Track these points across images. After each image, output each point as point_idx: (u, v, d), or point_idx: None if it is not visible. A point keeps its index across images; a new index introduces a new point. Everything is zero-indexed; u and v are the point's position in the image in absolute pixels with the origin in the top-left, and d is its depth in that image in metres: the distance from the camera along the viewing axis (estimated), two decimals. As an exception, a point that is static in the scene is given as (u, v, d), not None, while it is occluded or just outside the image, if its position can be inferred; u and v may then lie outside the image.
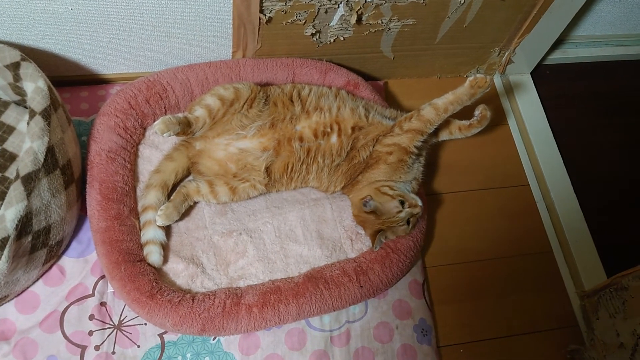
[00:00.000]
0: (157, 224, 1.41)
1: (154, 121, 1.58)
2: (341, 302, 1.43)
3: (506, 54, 1.94)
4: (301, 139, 1.45)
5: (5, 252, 1.13)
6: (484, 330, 1.61)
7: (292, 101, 1.49)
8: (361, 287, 1.44)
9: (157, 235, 1.41)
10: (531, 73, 2.09)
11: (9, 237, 1.13)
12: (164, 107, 1.57)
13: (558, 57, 2.16)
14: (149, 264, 1.39)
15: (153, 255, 1.39)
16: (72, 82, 1.64)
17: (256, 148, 1.45)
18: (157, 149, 1.56)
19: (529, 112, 1.99)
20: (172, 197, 1.45)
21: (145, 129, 1.57)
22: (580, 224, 1.80)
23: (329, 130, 1.46)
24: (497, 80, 2.06)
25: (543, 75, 2.12)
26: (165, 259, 1.42)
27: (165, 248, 1.43)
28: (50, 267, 1.40)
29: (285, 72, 1.65)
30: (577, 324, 1.67)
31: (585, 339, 1.63)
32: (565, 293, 1.71)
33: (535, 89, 2.06)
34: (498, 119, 1.98)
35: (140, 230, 1.43)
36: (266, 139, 1.45)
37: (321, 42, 1.68)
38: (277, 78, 1.65)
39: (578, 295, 1.69)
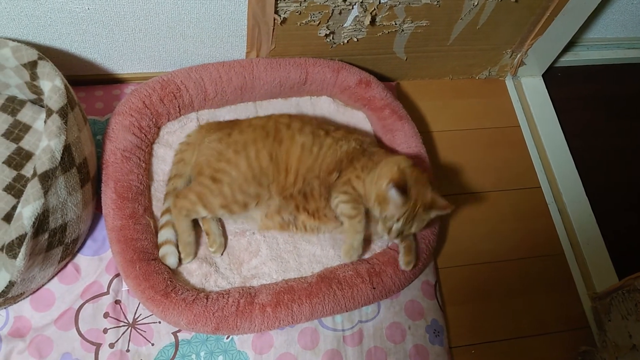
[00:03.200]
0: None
1: (168, 120, 1.59)
2: (354, 303, 1.43)
3: (518, 55, 1.95)
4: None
5: (23, 249, 1.14)
6: (496, 331, 1.61)
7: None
8: (374, 288, 1.44)
9: (175, 236, 1.43)
10: (543, 75, 2.09)
11: (26, 234, 1.14)
12: (178, 107, 1.58)
13: (569, 59, 2.16)
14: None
15: (170, 257, 1.40)
16: (87, 82, 1.65)
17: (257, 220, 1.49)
18: (171, 148, 1.57)
19: (540, 114, 1.99)
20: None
21: (159, 128, 1.58)
22: (592, 226, 1.80)
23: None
24: (509, 83, 2.06)
25: (554, 77, 2.12)
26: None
27: None
28: (65, 265, 1.40)
29: (298, 72, 1.66)
30: (588, 325, 1.66)
31: (596, 341, 1.63)
32: (576, 295, 1.71)
33: (546, 91, 2.06)
34: (510, 121, 1.98)
35: (158, 230, 1.44)
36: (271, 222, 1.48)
37: (335, 43, 1.69)
38: (290, 77, 1.66)
39: (590, 297, 1.69)
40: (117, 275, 1.41)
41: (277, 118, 1.50)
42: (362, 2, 1.53)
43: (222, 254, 1.47)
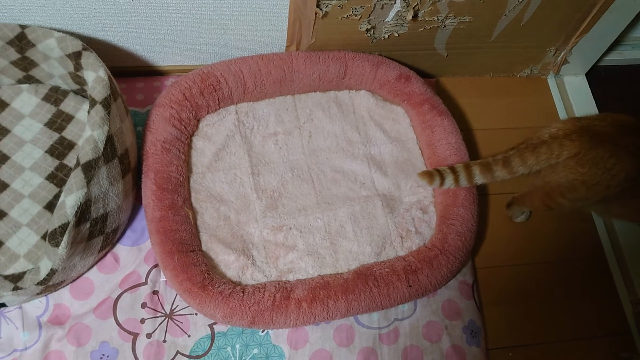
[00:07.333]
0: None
1: (208, 113, 1.60)
2: (389, 300, 1.41)
3: (562, 54, 1.90)
4: None
5: (65, 238, 1.15)
6: (534, 334, 1.58)
7: None
8: (410, 286, 1.43)
9: None
10: (586, 74, 2.04)
11: (68, 223, 1.15)
12: (218, 99, 1.58)
13: (614, 58, 2.10)
14: (201, 254, 1.41)
15: None
16: (128, 73, 1.66)
17: None
18: (210, 140, 1.57)
19: (583, 114, 1.94)
20: None
21: (198, 120, 1.59)
22: (635, 229, 1.75)
23: None
24: (551, 81, 2.02)
25: (598, 76, 2.07)
26: (218, 251, 1.44)
27: None
28: (105, 255, 1.42)
29: (337, 65, 1.65)
30: (629, 331, 1.62)
31: (638, 347, 1.59)
32: (617, 300, 1.67)
33: (589, 90, 2.01)
34: (552, 121, 1.93)
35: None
36: None
37: (375, 38, 1.67)
38: (329, 71, 1.65)
39: (631, 302, 1.65)
40: (156, 265, 1.42)
41: None
42: (405, -3, 1.52)
43: None
